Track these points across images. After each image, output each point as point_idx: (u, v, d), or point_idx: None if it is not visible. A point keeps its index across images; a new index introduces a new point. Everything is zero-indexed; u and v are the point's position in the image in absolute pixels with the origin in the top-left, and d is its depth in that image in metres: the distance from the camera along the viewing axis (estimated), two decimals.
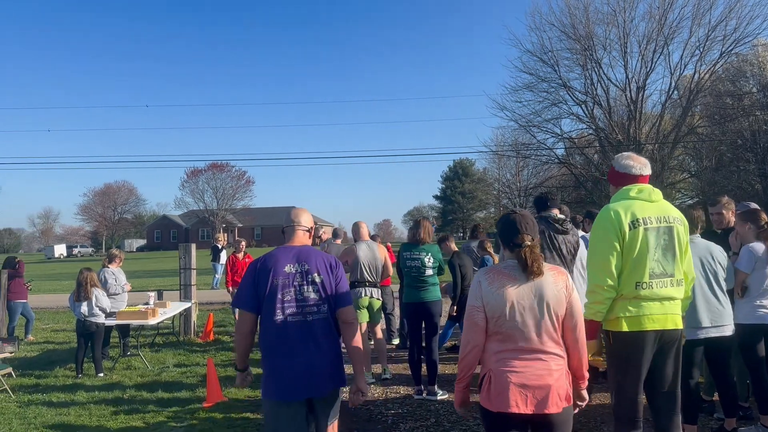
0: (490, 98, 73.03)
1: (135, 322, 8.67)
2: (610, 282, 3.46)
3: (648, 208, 3.61)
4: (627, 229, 3.51)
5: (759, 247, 4.87)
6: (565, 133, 33.17)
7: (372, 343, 7.50)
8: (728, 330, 4.51)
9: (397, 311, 9.45)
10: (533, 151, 35.34)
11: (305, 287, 3.26)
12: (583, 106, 31.66)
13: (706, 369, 4.91)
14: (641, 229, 3.52)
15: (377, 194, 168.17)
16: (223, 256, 20.20)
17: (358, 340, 3.37)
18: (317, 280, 3.29)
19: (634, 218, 3.53)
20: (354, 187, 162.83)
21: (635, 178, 3.75)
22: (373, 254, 6.99)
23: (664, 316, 3.53)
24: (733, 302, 4.78)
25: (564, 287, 2.92)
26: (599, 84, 30.98)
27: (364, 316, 6.88)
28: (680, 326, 3.64)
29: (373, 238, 10.18)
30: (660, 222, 3.58)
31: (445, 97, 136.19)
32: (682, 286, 3.64)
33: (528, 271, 2.86)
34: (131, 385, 7.32)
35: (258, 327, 3.35)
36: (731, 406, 4.66)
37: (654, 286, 3.50)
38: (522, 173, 52.68)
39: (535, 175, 43.19)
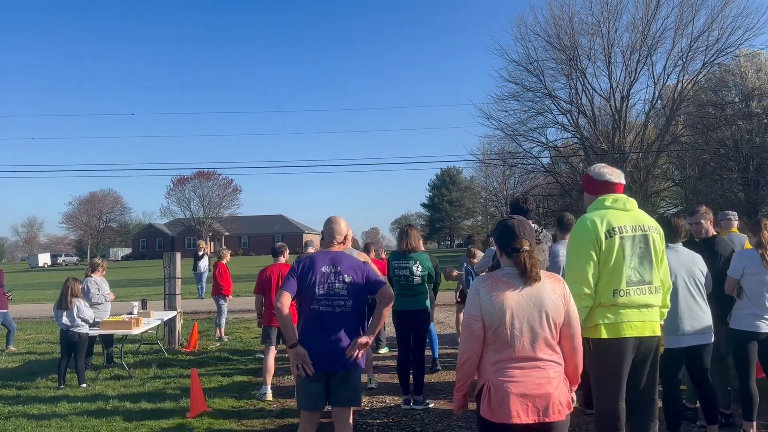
0: (477, 107, 73.19)
1: (118, 332, 8.57)
2: (587, 290, 3.50)
3: (623, 216, 3.66)
4: (603, 238, 3.55)
5: (749, 253, 4.91)
6: (550, 142, 33.40)
7: None
8: (709, 338, 4.55)
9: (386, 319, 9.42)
10: (519, 159, 35.51)
11: (336, 285, 3.99)
12: (568, 115, 31.91)
13: (687, 376, 4.94)
14: (617, 237, 3.56)
15: (365, 202, 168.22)
16: (203, 264, 19.66)
17: (384, 312, 4.01)
18: (347, 279, 4.01)
19: (610, 227, 3.58)
20: (342, 195, 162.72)
21: (610, 187, 3.80)
22: None
23: (642, 323, 3.57)
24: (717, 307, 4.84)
25: (562, 295, 2.92)
26: (584, 93, 31.25)
27: None
28: (658, 333, 3.68)
29: (366, 246, 10.23)
30: (635, 231, 3.63)
31: (433, 106, 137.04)
32: (659, 294, 3.69)
33: (527, 276, 2.85)
34: (114, 396, 7.24)
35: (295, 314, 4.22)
36: (713, 413, 4.70)
37: (631, 294, 3.55)
38: (508, 181, 52.98)
39: (522, 184, 43.38)
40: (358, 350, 3.96)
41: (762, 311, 4.78)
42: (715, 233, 5.55)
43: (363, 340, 3.97)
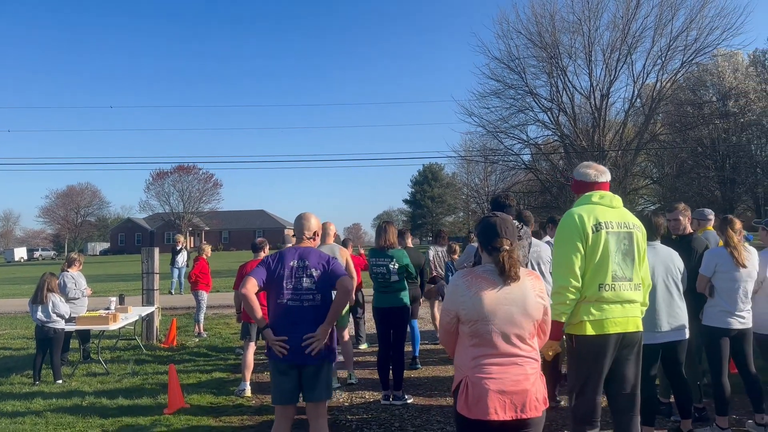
0: (459, 104, 73.59)
1: (95, 328, 8.47)
2: (574, 283, 3.54)
3: (609, 213, 3.70)
4: (590, 232, 3.59)
5: (719, 251, 4.98)
6: (531, 139, 33.63)
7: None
8: (684, 334, 4.62)
9: (367, 315, 9.45)
10: (500, 156, 35.71)
11: (304, 279, 4.06)
12: (548, 113, 32.13)
13: (661, 371, 5.00)
14: (603, 232, 3.60)
15: (347, 198, 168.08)
16: (181, 259, 19.35)
17: (341, 303, 4.07)
18: (314, 274, 4.07)
19: (597, 222, 3.62)
20: (324, 190, 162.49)
21: (595, 185, 3.84)
22: (334, 256, 6.99)
23: (626, 318, 3.61)
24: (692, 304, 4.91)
25: (540, 291, 2.95)
26: (564, 91, 31.47)
27: None
28: (641, 329, 3.73)
29: (344, 242, 10.21)
30: (621, 227, 3.67)
31: (415, 103, 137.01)
32: (640, 291, 3.74)
33: (505, 275, 2.87)
34: (91, 392, 7.16)
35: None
36: (686, 407, 4.77)
37: (617, 288, 3.59)
38: (490, 178, 53.30)
39: (503, 180, 43.76)
40: (319, 341, 4.00)
41: (733, 308, 4.86)
42: (692, 231, 5.62)
43: (319, 331, 4.00)
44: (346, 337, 7.26)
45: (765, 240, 5.34)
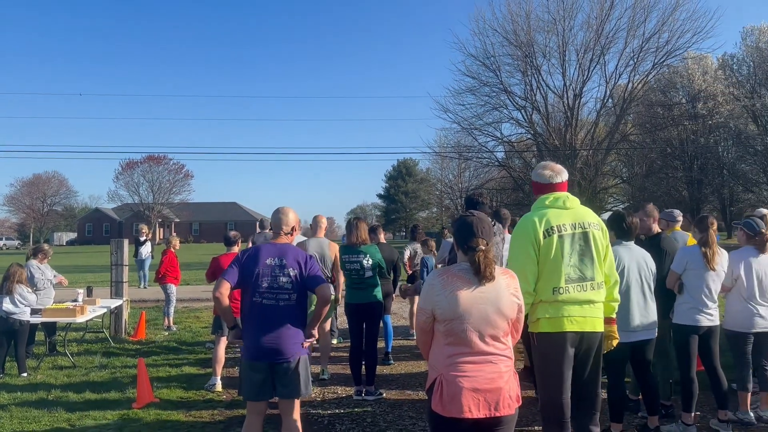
0: (435, 100, 73.86)
1: (62, 320, 8.31)
2: (526, 287, 3.57)
3: (563, 215, 3.75)
4: (542, 237, 3.65)
5: (692, 250, 5.07)
6: (505, 136, 34.00)
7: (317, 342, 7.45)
8: (654, 333, 4.72)
9: (339, 310, 9.42)
10: (474, 153, 35.97)
11: (280, 278, 4.00)
12: (522, 111, 32.51)
13: (630, 369, 5.09)
14: (555, 236, 3.66)
15: (321, 191, 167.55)
16: (145, 251, 18.02)
17: (322, 311, 4.09)
18: (291, 273, 4.02)
19: (549, 226, 3.67)
20: (298, 183, 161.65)
21: (552, 186, 3.90)
22: (323, 251, 6.97)
23: (584, 318, 3.67)
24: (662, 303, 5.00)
25: (515, 290, 2.98)
26: (538, 90, 31.87)
27: None
28: (600, 329, 3.78)
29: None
30: (575, 228, 3.72)
31: (391, 98, 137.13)
32: (602, 289, 3.78)
33: (481, 275, 2.88)
34: (57, 386, 7.02)
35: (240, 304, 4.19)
36: (654, 404, 4.86)
37: (570, 291, 3.64)
38: (464, 174, 53.56)
39: (476, 177, 43.98)
40: (308, 338, 4.12)
41: (701, 305, 4.97)
42: (659, 230, 5.72)
43: (306, 343, 4.12)
44: (327, 327, 7.25)
45: (741, 240, 5.46)
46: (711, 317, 5.02)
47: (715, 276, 5.00)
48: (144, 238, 18.14)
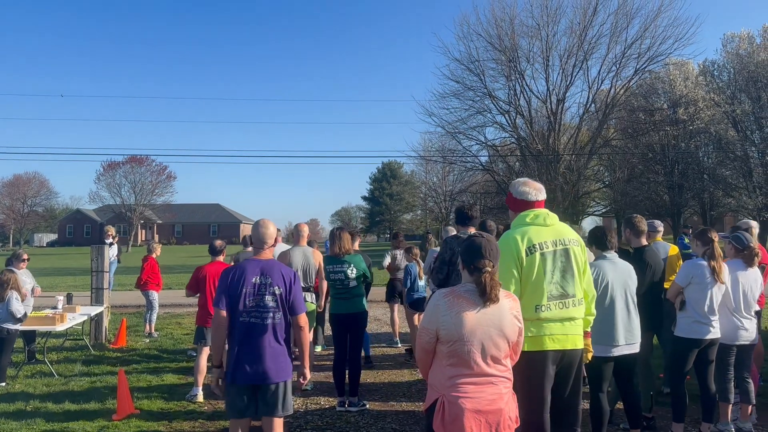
0: (419, 104, 73.83)
1: (42, 329, 8.18)
2: None
3: (544, 232, 3.75)
4: (524, 255, 3.64)
5: (700, 263, 5.06)
6: (488, 140, 34.06)
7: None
8: (638, 347, 4.74)
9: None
10: (459, 157, 36.03)
11: (266, 297, 4.02)
12: (506, 115, 32.57)
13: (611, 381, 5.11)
14: (537, 254, 3.66)
15: (305, 193, 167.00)
16: (112, 253, 15.72)
17: (306, 341, 4.21)
18: (277, 292, 4.05)
19: (531, 244, 3.67)
20: (281, 185, 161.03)
21: (531, 204, 3.90)
22: (307, 260, 6.94)
23: (565, 336, 3.68)
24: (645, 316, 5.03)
25: (518, 313, 3.01)
26: (522, 95, 31.96)
27: None
28: (580, 346, 3.79)
29: (309, 244, 10.13)
30: (556, 245, 3.73)
31: (376, 101, 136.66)
32: (582, 306, 3.80)
33: (486, 297, 2.90)
34: (36, 395, 6.92)
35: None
36: (636, 417, 4.88)
37: (552, 308, 3.64)
38: (448, 178, 53.70)
39: (461, 181, 44.20)
40: (303, 380, 4.27)
41: (704, 319, 4.98)
42: (645, 243, 5.72)
43: (304, 381, 4.29)
44: (310, 337, 7.20)
45: (729, 254, 5.48)
46: (713, 330, 5.04)
47: (718, 289, 5.03)
48: (110, 240, 16.02)
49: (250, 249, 9.14)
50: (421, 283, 8.70)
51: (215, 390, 4.20)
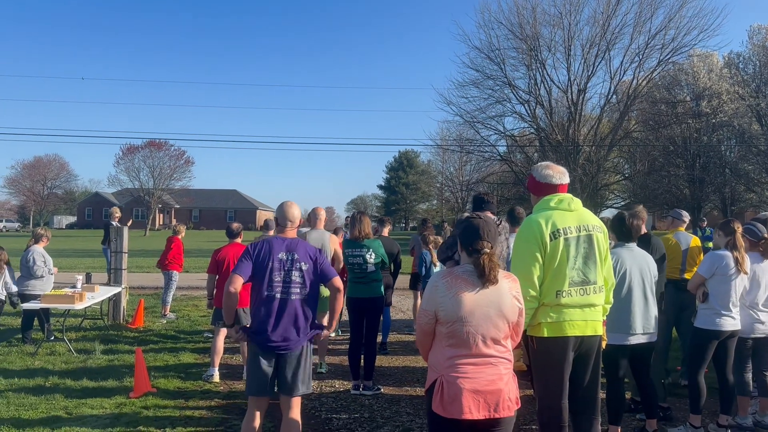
0: (438, 92, 73.58)
1: (61, 306, 8.29)
2: (532, 293, 3.54)
3: (568, 217, 3.69)
4: (548, 240, 3.58)
5: (724, 254, 4.99)
6: (507, 130, 33.79)
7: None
8: (655, 336, 4.69)
9: None
10: (476, 147, 35.83)
11: (293, 272, 4.11)
12: (526, 105, 32.27)
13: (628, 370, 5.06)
14: (561, 239, 3.60)
15: (322, 181, 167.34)
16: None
17: (339, 304, 4.33)
18: (303, 267, 4.14)
19: (555, 229, 3.61)
20: (298, 173, 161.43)
21: (555, 188, 3.83)
22: (324, 243, 6.93)
23: (584, 322, 3.63)
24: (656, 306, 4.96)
25: (517, 294, 2.98)
26: (542, 84, 31.65)
27: None
28: (599, 332, 3.75)
29: (335, 230, 10.15)
30: (580, 231, 3.67)
31: (394, 89, 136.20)
32: (602, 293, 3.75)
33: (485, 278, 2.88)
34: (55, 372, 7.01)
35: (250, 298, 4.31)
36: (652, 407, 4.84)
37: (573, 294, 3.60)
38: (465, 168, 53.40)
39: (478, 171, 43.87)
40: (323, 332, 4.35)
41: (726, 310, 4.92)
42: (646, 231, 5.62)
43: (325, 333, 4.36)
44: (325, 322, 7.20)
45: (744, 246, 5.37)
46: (734, 321, 4.97)
47: (741, 280, 4.96)
48: (116, 223, 14.58)
49: (271, 233, 9.17)
50: (436, 269, 8.67)
51: (234, 335, 4.26)
